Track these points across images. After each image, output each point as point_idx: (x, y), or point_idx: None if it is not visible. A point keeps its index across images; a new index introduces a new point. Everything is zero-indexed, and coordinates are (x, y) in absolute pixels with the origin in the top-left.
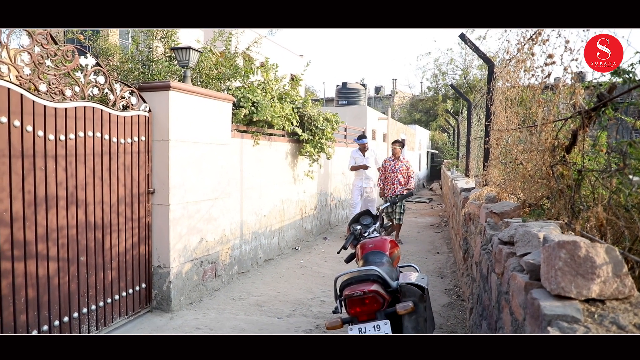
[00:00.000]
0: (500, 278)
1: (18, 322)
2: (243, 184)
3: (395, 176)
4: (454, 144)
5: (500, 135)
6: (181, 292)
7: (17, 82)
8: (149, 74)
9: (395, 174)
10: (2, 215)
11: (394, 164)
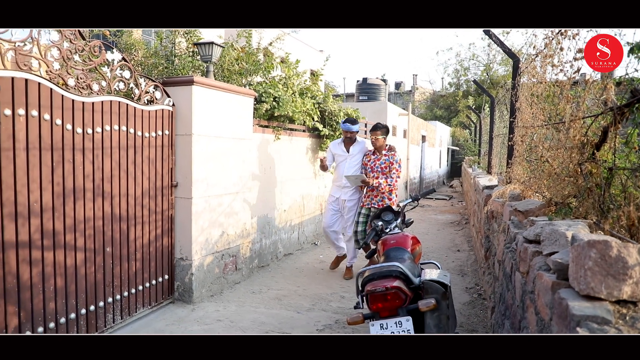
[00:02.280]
0: (525, 277)
1: (47, 310)
2: (263, 179)
3: (374, 177)
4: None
5: (525, 132)
6: (202, 284)
7: (47, 76)
8: (173, 69)
9: (375, 173)
10: (33, 205)
11: (374, 160)
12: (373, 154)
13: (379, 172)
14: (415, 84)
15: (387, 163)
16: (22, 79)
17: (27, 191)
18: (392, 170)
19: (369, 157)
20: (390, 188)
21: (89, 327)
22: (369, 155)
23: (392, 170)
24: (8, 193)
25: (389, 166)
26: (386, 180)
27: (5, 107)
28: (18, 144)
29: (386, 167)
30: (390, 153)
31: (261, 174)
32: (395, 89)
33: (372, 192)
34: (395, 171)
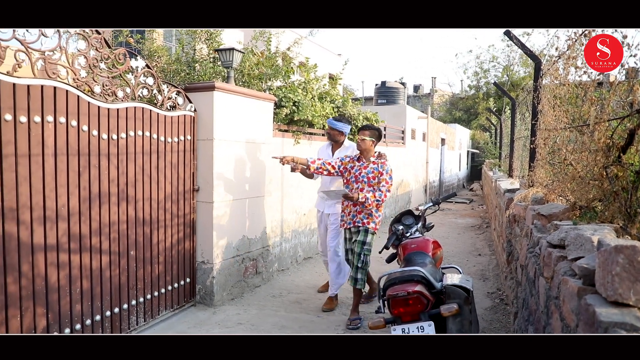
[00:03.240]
0: (549, 282)
1: (74, 312)
2: (283, 183)
3: (358, 189)
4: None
5: (548, 135)
6: (223, 288)
7: (74, 84)
8: (194, 75)
9: (359, 184)
10: (61, 210)
11: (359, 168)
12: (358, 161)
13: (365, 184)
14: (434, 87)
15: (375, 173)
16: (50, 87)
17: (55, 196)
18: (381, 182)
19: (352, 164)
20: (379, 204)
21: (113, 329)
22: (352, 161)
23: (382, 182)
24: (37, 197)
25: (378, 177)
26: (374, 195)
27: (34, 114)
28: (47, 149)
29: (374, 177)
30: (380, 161)
31: (281, 178)
32: (413, 92)
33: (355, 207)
34: (384, 183)
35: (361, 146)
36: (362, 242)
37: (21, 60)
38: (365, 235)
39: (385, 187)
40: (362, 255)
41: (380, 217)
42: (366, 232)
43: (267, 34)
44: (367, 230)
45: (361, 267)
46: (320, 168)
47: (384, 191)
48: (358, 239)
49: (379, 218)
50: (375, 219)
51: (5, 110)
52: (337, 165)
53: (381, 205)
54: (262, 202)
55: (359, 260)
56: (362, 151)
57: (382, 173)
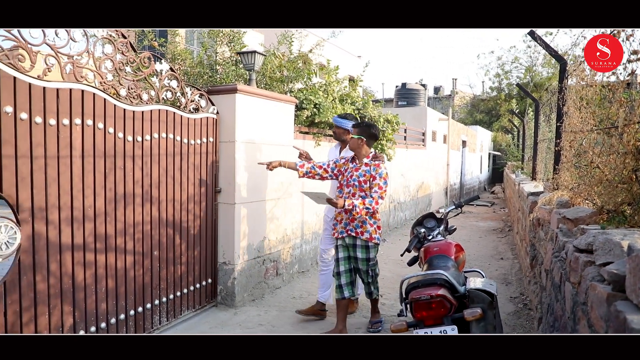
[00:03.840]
0: (576, 288)
1: (99, 310)
2: (304, 185)
3: (350, 193)
4: (518, 146)
5: (573, 137)
6: (244, 289)
7: (100, 87)
8: (217, 77)
9: (350, 189)
10: (87, 210)
11: (351, 170)
12: (352, 162)
13: (356, 188)
14: (454, 88)
15: (367, 176)
16: (78, 90)
17: (82, 196)
18: (373, 187)
19: (346, 165)
20: (369, 211)
21: (137, 328)
22: (347, 162)
23: (374, 188)
24: (65, 198)
25: (370, 181)
26: (363, 201)
27: (63, 117)
28: (75, 151)
29: (365, 181)
30: (374, 163)
31: (302, 180)
32: (434, 93)
33: (347, 213)
34: (377, 189)
35: (350, 146)
36: (366, 259)
37: (51, 64)
38: (367, 252)
39: (378, 194)
40: (369, 271)
41: (375, 225)
42: (367, 249)
43: (289, 36)
44: (367, 246)
45: (372, 281)
46: (309, 173)
47: (376, 198)
48: (360, 257)
49: (374, 226)
50: (369, 227)
51: (35, 113)
52: (331, 167)
53: (374, 213)
54: (283, 203)
55: (368, 276)
56: (353, 150)
57: (375, 177)
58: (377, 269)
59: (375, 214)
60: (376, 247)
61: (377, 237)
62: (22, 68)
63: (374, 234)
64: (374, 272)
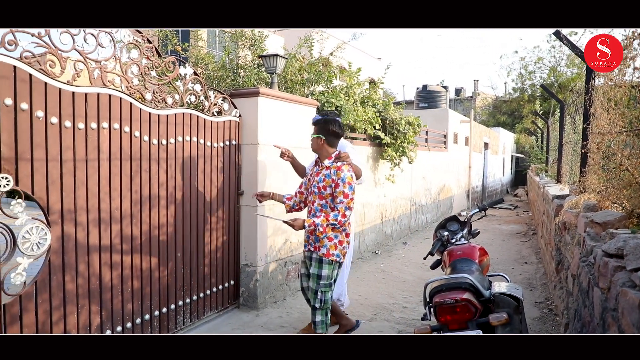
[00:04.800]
0: (605, 293)
1: (125, 310)
2: None
3: (311, 202)
4: (542, 148)
5: (601, 139)
6: (266, 291)
7: (127, 91)
8: (239, 80)
9: (311, 196)
10: (114, 212)
11: (313, 175)
12: (315, 165)
13: (316, 195)
14: (476, 90)
15: (327, 181)
16: (106, 95)
17: (109, 198)
18: (337, 196)
19: (312, 170)
20: (336, 227)
21: (161, 329)
22: (314, 165)
23: (339, 197)
24: (93, 200)
25: (331, 187)
26: (327, 216)
27: (91, 120)
28: (102, 154)
29: (325, 187)
30: (335, 166)
31: None
32: (455, 95)
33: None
34: (342, 198)
35: (311, 147)
36: (317, 275)
37: (79, 70)
38: (320, 267)
39: (344, 204)
40: (318, 293)
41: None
42: (320, 263)
43: (310, 39)
44: (320, 260)
45: (319, 307)
46: (296, 207)
47: (342, 210)
48: (311, 272)
49: (334, 240)
50: (327, 242)
51: (65, 118)
52: (304, 184)
53: (340, 229)
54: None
55: (316, 299)
56: (315, 153)
57: (338, 184)
58: (328, 296)
59: (338, 230)
60: (333, 265)
61: (336, 253)
62: (53, 74)
63: (332, 250)
64: (323, 295)
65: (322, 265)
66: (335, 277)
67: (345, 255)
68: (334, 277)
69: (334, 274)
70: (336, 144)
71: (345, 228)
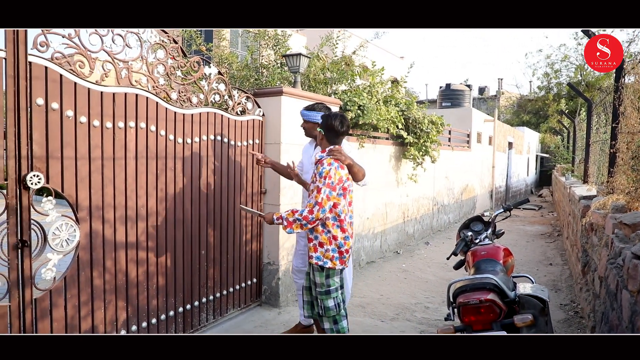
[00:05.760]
0: (635, 296)
1: (150, 307)
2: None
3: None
4: (568, 147)
5: (631, 139)
6: (288, 289)
7: (153, 91)
8: (262, 80)
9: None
10: (140, 209)
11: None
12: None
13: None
14: (500, 89)
15: (313, 177)
16: (133, 94)
17: (136, 196)
18: (312, 190)
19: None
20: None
21: (185, 325)
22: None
23: (313, 192)
24: (120, 198)
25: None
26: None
27: (119, 120)
28: (129, 153)
29: (312, 182)
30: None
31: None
32: (479, 94)
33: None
34: (316, 193)
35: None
36: (314, 282)
37: (107, 70)
38: (312, 272)
39: (313, 200)
40: (318, 300)
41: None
42: (313, 271)
43: (332, 38)
44: (311, 265)
45: (323, 314)
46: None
47: (310, 205)
48: (310, 278)
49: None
50: (318, 248)
51: (93, 117)
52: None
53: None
54: None
55: (318, 307)
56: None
57: (316, 178)
58: (330, 302)
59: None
60: (324, 272)
61: (315, 255)
62: (82, 74)
63: (312, 252)
64: (324, 302)
65: (316, 274)
66: (337, 285)
67: (335, 259)
68: (333, 285)
69: (330, 282)
70: (336, 141)
71: (330, 229)
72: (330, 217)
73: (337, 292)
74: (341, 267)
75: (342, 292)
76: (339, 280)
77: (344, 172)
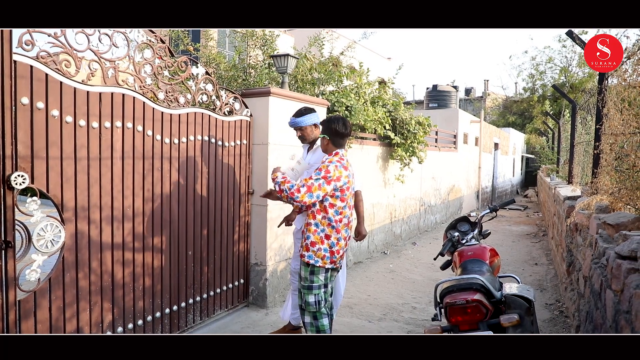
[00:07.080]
0: (618, 296)
1: (136, 308)
2: None
3: None
4: (553, 148)
5: (614, 140)
6: (276, 290)
7: (140, 91)
8: (250, 80)
9: None
10: (126, 210)
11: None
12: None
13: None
14: (486, 90)
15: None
16: (119, 94)
17: (122, 197)
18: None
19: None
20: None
21: (172, 326)
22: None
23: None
24: (106, 198)
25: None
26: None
27: (105, 119)
28: (115, 153)
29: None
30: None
31: None
32: (465, 95)
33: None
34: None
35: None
36: (300, 276)
37: (94, 69)
38: (301, 269)
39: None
40: (301, 292)
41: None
42: (301, 264)
43: (320, 39)
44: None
45: (304, 308)
46: None
47: (298, 185)
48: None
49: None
50: (310, 247)
51: (79, 117)
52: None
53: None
54: None
55: (300, 298)
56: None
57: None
58: (311, 298)
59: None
60: (309, 267)
61: (308, 254)
62: (68, 73)
63: (304, 251)
64: (305, 296)
65: (302, 268)
66: (320, 283)
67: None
68: (317, 282)
69: (314, 278)
70: (342, 143)
71: (324, 228)
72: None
73: (320, 290)
74: (330, 267)
75: (326, 292)
76: (324, 278)
77: (345, 172)
